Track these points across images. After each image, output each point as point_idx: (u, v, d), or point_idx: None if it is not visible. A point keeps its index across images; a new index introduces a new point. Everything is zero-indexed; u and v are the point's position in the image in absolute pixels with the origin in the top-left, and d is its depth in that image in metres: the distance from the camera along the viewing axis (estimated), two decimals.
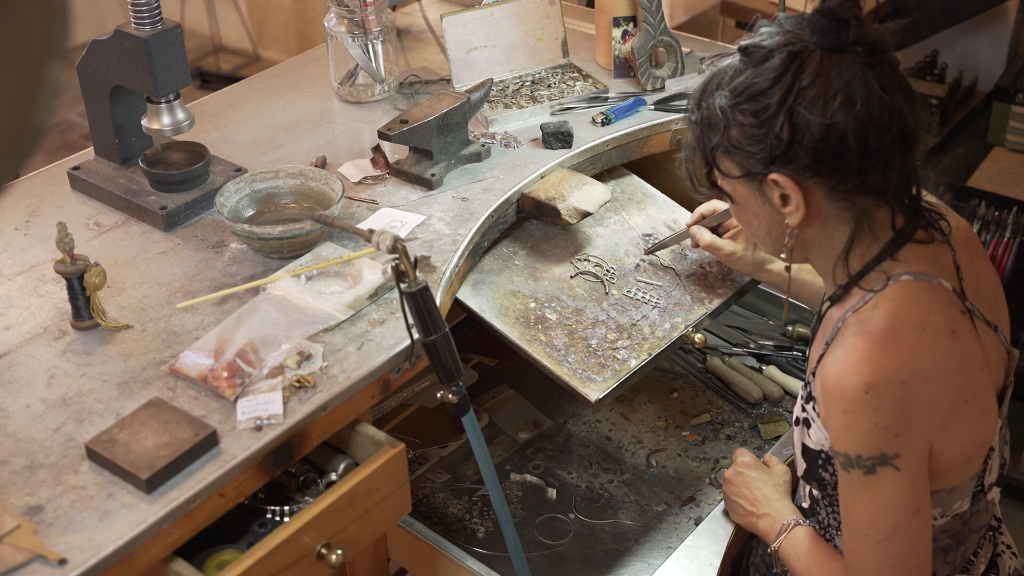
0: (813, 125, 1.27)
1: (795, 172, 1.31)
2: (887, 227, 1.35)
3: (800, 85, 1.28)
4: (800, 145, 1.29)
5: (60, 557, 1.24)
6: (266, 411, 1.42)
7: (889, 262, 1.35)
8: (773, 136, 1.30)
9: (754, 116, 1.31)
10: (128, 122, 1.89)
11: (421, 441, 2.04)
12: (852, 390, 1.27)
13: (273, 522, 1.46)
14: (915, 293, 1.32)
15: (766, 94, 1.30)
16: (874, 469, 1.30)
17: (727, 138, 1.34)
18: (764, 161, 1.32)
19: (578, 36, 2.39)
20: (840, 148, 1.28)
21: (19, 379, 1.51)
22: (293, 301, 1.60)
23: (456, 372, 1.44)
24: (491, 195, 1.88)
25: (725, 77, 1.35)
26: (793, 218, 1.35)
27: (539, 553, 1.82)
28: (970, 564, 1.49)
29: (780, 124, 1.29)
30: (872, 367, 1.27)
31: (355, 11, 2.13)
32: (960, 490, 1.38)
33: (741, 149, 1.34)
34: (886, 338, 1.28)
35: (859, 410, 1.28)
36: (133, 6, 1.73)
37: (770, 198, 1.36)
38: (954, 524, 1.42)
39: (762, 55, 1.32)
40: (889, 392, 1.27)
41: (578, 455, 2.01)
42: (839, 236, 1.36)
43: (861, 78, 1.27)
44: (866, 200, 1.33)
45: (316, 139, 2.08)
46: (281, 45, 4.85)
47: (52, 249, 1.73)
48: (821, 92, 1.27)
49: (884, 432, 1.28)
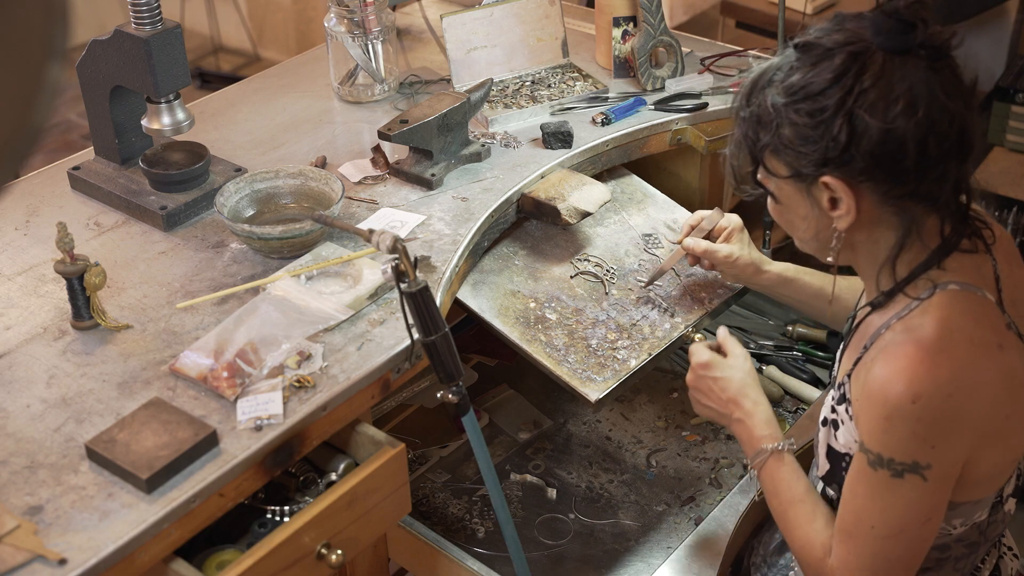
0: (872, 129, 1.23)
1: (849, 176, 1.27)
2: (936, 235, 1.31)
3: (861, 87, 1.23)
4: (857, 149, 1.25)
5: (60, 557, 1.24)
6: (266, 411, 1.42)
7: (936, 271, 1.31)
8: (829, 138, 1.25)
9: (810, 116, 1.26)
10: (128, 122, 1.89)
11: (421, 441, 2.04)
12: (898, 398, 1.25)
13: (273, 522, 1.46)
14: (963, 305, 1.29)
15: (824, 94, 1.25)
16: (902, 474, 1.28)
17: (778, 137, 1.30)
18: (817, 163, 1.28)
19: (578, 36, 2.39)
20: (899, 154, 1.24)
21: (19, 379, 1.51)
22: (293, 301, 1.60)
23: (456, 372, 1.44)
24: (491, 195, 1.88)
25: (779, 74, 1.30)
26: (842, 222, 1.31)
27: (539, 553, 1.81)
28: (977, 570, 1.49)
29: (838, 126, 1.24)
30: (921, 378, 1.24)
31: (355, 11, 2.13)
32: (983, 502, 1.38)
33: (793, 149, 1.29)
34: (938, 349, 1.25)
35: (901, 418, 1.25)
36: (133, 6, 1.73)
37: (819, 200, 1.32)
38: (971, 534, 1.41)
39: (820, 53, 1.27)
40: (935, 405, 1.24)
41: (578, 455, 2.01)
42: (886, 241, 1.33)
43: (924, 83, 1.23)
44: (917, 207, 1.29)
45: (316, 139, 2.08)
46: (281, 45, 4.85)
47: (52, 249, 1.73)
48: (883, 95, 1.23)
49: (922, 442, 1.26)
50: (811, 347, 2.17)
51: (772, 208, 1.42)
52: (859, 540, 1.34)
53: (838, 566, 1.36)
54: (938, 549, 1.41)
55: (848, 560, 1.35)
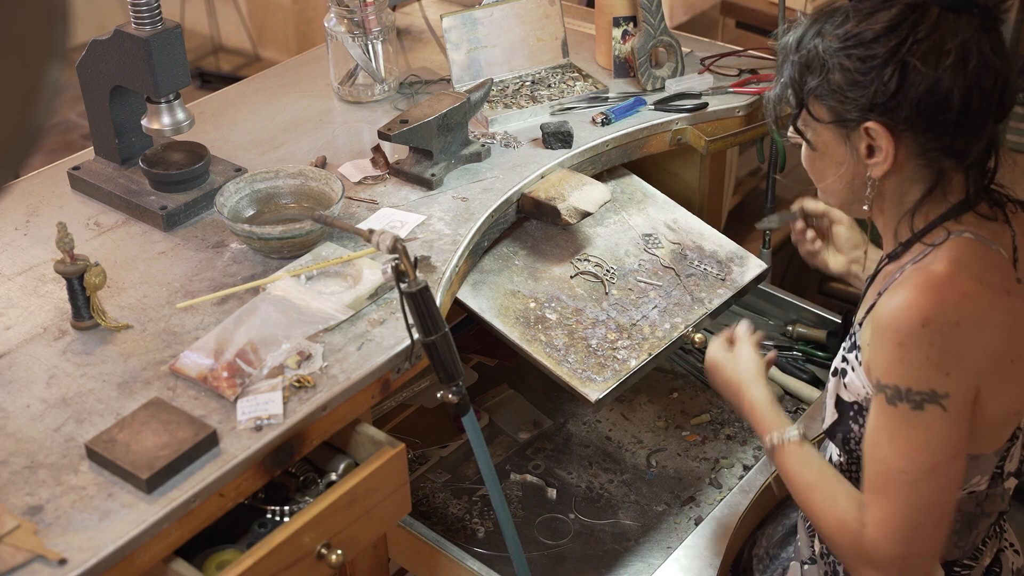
0: (923, 78, 1.28)
1: (892, 123, 1.32)
2: (959, 192, 1.36)
3: (915, 37, 1.29)
4: (905, 96, 1.29)
5: (60, 557, 1.24)
6: (266, 411, 1.42)
7: (952, 222, 1.36)
8: (880, 83, 1.30)
9: (861, 62, 1.31)
10: (128, 122, 1.89)
11: (421, 441, 2.04)
12: (909, 323, 1.28)
13: (273, 522, 1.46)
14: (975, 249, 1.33)
15: (878, 41, 1.30)
16: (922, 405, 1.29)
17: (826, 81, 1.34)
18: (863, 108, 1.32)
19: (578, 36, 2.39)
20: (944, 105, 1.29)
21: (19, 379, 1.51)
22: (293, 301, 1.60)
23: (456, 372, 1.44)
24: (491, 195, 1.88)
25: (832, 23, 1.35)
26: (877, 169, 1.35)
27: (539, 553, 1.82)
28: (979, 552, 1.48)
29: (889, 72, 1.29)
30: (930, 303, 1.28)
31: (355, 11, 2.13)
32: (983, 462, 1.38)
33: (840, 93, 1.33)
34: (945, 279, 1.29)
35: (914, 343, 1.28)
36: (133, 6, 1.73)
37: (857, 147, 1.36)
38: (968, 503, 1.42)
39: (876, 4, 1.33)
40: (944, 330, 1.28)
41: (578, 455, 2.01)
42: (912, 193, 1.37)
43: (976, 39, 1.28)
44: (948, 162, 1.34)
45: (316, 139, 2.08)
46: (281, 45, 4.85)
47: (52, 249, 1.73)
48: (935, 46, 1.28)
49: (936, 368, 1.28)
50: (811, 347, 2.17)
51: (806, 156, 1.45)
52: (891, 493, 1.32)
53: (876, 532, 1.33)
54: None
55: (885, 521, 1.32)
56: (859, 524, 1.35)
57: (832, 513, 1.39)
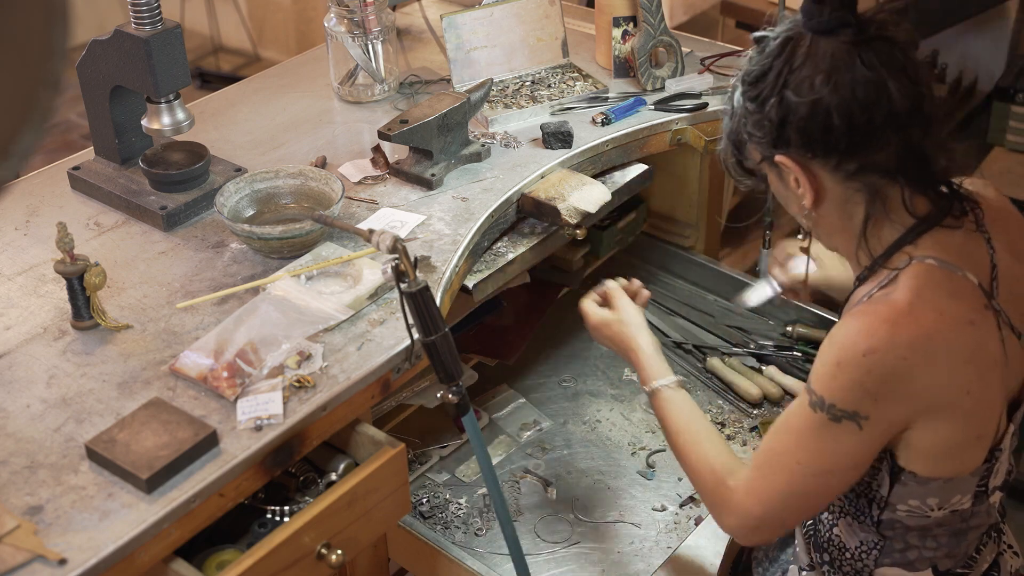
0: (799, 104, 1.31)
1: (795, 153, 1.35)
2: (900, 207, 1.36)
3: (791, 67, 1.32)
4: (791, 126, 1.32)
5: (60, 557, 1.24)
6: (266, 411, 1.42)
7: (912, 246, 1.36)
8: (768, 119, 1.34)
9: (753, 101, 1.36)
10: (128, 122, 1.89)
11: (421, 441, 2.04)
12: (853, 348, 1.29)
13: (273, 522, 1.46)
14: (937, 278, 1.33)
15: (764, 78, 1.34)
16: (840, 420, 1.32)
17: (745, 126, 1.38)
18: (768, 144, 1.36)
19: (578, 36, 2.39)
20: (826, 126, 1.30)
21: (19, 379, 1.51)
22: (293, 301, 1.60)
23: (456, 372, 1.44)
24: (491, 195, 1.88)
25: (744, 69, 1.40)
26: (806, 200, 1.37)
27: (539, 553, 1.82)
28: (972, 560, 1.48)
29: (771, 106, 1.33)
30: (880, 335, 1.28)
31: (355, 11, 2.13)
32: (959, 484, 1.38)
33: (752, 134, 1.38)
34: (904, 313, 1.29)
35: (852, 367, 1.29)
36: (133, 6, 1.73)
37: (787, 181, 1.39)
38: (952, 520, 1.42)
39: (765, 43, 1.37)
40: (887, 362, 1.28)
41: (578, 455, 2.01)
42: (856, 216, 1.38)
43: (845, 57, 1.30)
44: (877, 180, 1.34)
45: (316, 139, 2.08)
46: (281, 45, 4.85)
47: (52, 249, 1.73)
48: (809, 73, 1.31)
49: (866, 394, 1.30)
50: (811, 347, 2.17)
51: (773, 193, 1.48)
52: (778, 474, 1.37)
53: (744, 491, 1.40)
54: (918, 531, 1.42)
55: (759, 488, 1.39)
56: (725, 474, 1.43)
57: (701, 453, 1.47)
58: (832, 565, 1.51)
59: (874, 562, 1.46)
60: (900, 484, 1.37)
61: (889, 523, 1.42)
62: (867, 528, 1.44)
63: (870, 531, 1.44)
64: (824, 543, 1.51)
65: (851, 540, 1.47)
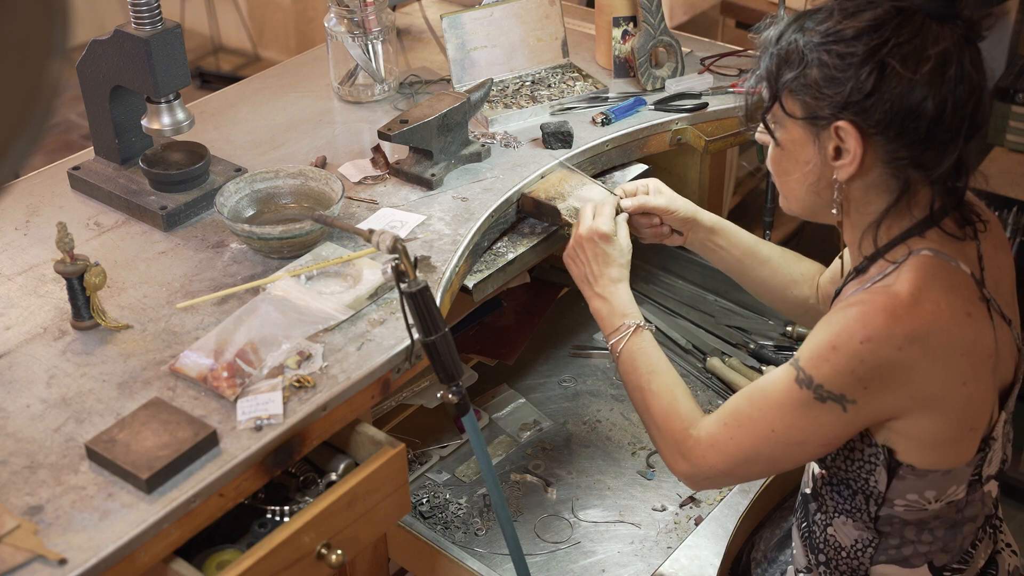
0: (900, 80, 1.27)
1: (864, 124, 1.30)
2: (924, 207, 1.35)
3: (898, 39, 1.27)
4: (880, 97, 1.28)
5: (60, 557, 1.24)
6: (266, 411, 1.42)
7: (915, 238, 1.35)
8: (857, 82, 1.28)
9: (840, 58, 1.29)
10: (128, 122, 1.89)
11: (421, 441, 2.04)
12: (850, 335, 1.29)
13: (273, 522, 1.46)
14: (936, 270, 1.32)
15: (859, 39, 1.29)
16: (825, 400, 1.32)
17: (803, 76, 1.33)
18: (837, 106, 1.31)
19: (578, 36, 2.39)
20: (917, 112, 1.28)
21: (19, 379, 1.51)
22: (293, 301, 1.60)
23: (456, 372, 1.44)
24: (491, 195, 1.88)
25: (814, 19, 1.34)
26: (843, 172, 1.34)
27: (539, 553, 1.82)
28: (968, 555, 1.48)
29: (867, 72, 1.28)
30: (878, 326, 1.27)
31: (355, 11, 2.13)
32: (956, 475, 1.38)
33: (815, 89, 1.32)
34: (905, 306, 1.29)
35: (846, 353, 1.29)
36: (133, 6, 1.73)
37: (825, 147, 1.34)
38: (948, 511, 1.42)
39: (860, 4, 1.32)
40: (881, 353, 1.28)
41: (578, 455, 2.01)
42: (876, 204, 1.36)
43: (956, 50, 1.28)
44: (915, 174, 1.32)
45: (316, 139, 2.08)
46: (281, 45, 4.85)
47: (52, 249, 1.73)
48: (915, 52, 1.27)
49: (856, 380, 1.29)
50: None
51: (773, 155, 1.44)
52: (750, 435, 1.38)
53: (707, 444, 1.42)
54: (915, 525, 1.42)
55: (724, 445, 1.40)
56: (689, 423, 1.44)
57: (672, 397, 1.49)
58: (828, 566, 1.51)
59: (870, 560, 1.46)
60: (898, 479, 1.37)
61: (887, 519, 1.42)
62: (862, 526, 1.44)
63: (866, 528, 1.44)
64: (820, 543, 1.51)
65: (846, 539, 1.47)
